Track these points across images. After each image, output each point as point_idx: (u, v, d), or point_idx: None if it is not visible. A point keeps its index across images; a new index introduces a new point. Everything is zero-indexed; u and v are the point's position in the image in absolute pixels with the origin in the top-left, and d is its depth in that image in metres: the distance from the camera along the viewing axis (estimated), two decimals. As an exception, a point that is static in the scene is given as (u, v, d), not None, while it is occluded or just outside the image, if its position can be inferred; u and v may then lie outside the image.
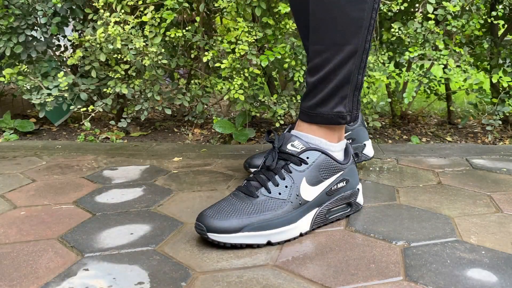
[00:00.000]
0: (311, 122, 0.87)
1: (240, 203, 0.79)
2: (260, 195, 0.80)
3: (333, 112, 0.86)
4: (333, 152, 0.88)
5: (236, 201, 0.80)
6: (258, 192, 0.81)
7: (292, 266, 0.71)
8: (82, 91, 1.59)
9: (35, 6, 1.51)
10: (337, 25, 0.82)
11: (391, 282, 0.66)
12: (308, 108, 0.87)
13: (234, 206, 0.79)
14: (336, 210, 0.88)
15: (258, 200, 0.80)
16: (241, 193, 0.82)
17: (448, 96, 1.78)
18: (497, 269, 0.70)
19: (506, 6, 1.50)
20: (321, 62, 0.84)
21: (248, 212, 0.78)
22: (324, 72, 0.84)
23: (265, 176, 0.83)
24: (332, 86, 0.84)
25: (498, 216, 0.89)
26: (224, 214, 0.77)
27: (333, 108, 0.86)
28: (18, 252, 0.76)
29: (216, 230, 0.75)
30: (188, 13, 1.58)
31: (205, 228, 0.76)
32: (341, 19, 0.82)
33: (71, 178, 1.15)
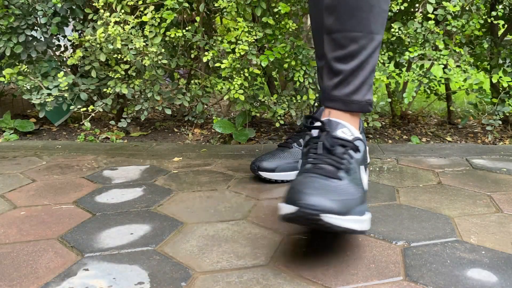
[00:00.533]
0: (346, 110, 0.86)
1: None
2: (342, 178, 0.75)
3: (365, 100, 0.87)
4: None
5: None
6: (339, 174, 0.75)
7: (292, 266, 0.71)
8: (82, 91, 1.59)
9: (35, 6, 1.51)
10: (374, 14, 0.84)
11: (391, 282, 0.66)
12: (345, 95, 0.86)
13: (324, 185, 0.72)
14: None
15: (343, 183, 0.74)
16: (319, 175, 0.74)
17: (448, 96, 1.78)
18: (497, 269, 0.70)
19: (506, 6, 1.50)
20: (357, 49, 0.85)
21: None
22: (360, 60, 0.85)
23: (331, 160, 0.78)
24: (365, 73, 0.86)
25: (498, 216, 0.89)
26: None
27: (364, 96, 0.87)
28: (18, 252, 0.76)
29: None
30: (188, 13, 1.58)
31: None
32: (376, 9, 0.84)
33: (71, 178, 1.15)
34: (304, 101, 1.52)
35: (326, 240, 0.79)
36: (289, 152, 1.11)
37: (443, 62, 1.44)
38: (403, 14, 1.60)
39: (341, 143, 0.81)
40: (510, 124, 1.70)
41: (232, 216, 0.90)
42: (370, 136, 1.63)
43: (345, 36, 0.85)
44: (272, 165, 1.08)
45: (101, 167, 1.25)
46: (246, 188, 1.07)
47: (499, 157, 1.33)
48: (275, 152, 1.12)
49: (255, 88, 1.54)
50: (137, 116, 1.74)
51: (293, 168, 1.10)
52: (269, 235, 0.81)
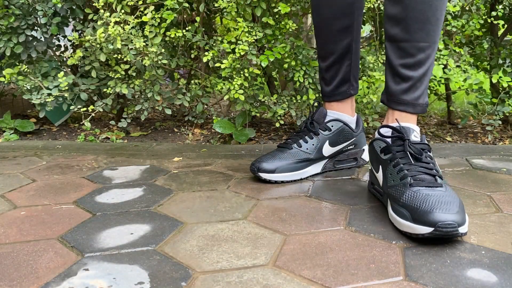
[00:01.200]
0: (414, 112, 0.99)
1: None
2: (443, 185, 0.83)
3: (425, 102, 1.00)
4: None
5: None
6: (439, 182, 0.84)
7: (292, 266, 0.71)
8: (82, 91, 1.59)
9: (35, 6, 1.51)
10: (438, 26, 0.95)
11: (391, 282, 0.66)
12: (413, 99, 0.98)
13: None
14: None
15: (446, 190, 0.82)
16: (425, 188, 0.82)
17: (448, 96, 1.79)
18: (497, 269, 0.70)
19: (506, 6, 1.50)
20: (425, 58, 0.96)
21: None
22: (426, 67, 0.97)
23: (424, 168, 0.86)
24: (428, 79, 0.99)
25: (498, 216, 0.89)
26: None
27: (425, 99, 1.00)
28: (18, 252, 0.76)
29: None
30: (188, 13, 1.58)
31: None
32: (440, 22, 0.95)
33: (71, 178, 1.15)
34: (304, 101, 1.52)
35: (326, 241, 0.79)
36: (289, 153, 1.11)
37: (443, 62, 1.44)
38: (403, 14, 1.59)
39: (423, 147, 0.90)
40: (510, 124, 1.70)
41: (232, 216, 0.90)
42: (370, 136, 1.63)
43: (414, 46, 0.95)
44: (272, 166, 1.08)
45: (101, 167, 1.25)
46: (246, 188, 1.07)
47: (499, 157, 1.33)
48: (275, 153, 1.12)
49: (255, 88, 1.54)
50: (137, 116, 1.74)
51: (293, 168, 1.10)
52: (269, 235, 0.81)
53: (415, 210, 0.77)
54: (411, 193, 0.81)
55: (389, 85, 1.00)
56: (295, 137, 1.15)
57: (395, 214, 0.82)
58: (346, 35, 1.10)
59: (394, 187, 0.86)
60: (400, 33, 0.96)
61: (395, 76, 0.98)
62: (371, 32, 1.72)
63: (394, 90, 0.99)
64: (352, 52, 1.12)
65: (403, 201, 0.81)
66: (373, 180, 0.99)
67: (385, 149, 0.92)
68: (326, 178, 1.14)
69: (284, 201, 0.98)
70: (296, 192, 1.04)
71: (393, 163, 0.88)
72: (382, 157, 0.93)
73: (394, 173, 0.87)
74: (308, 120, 1.15)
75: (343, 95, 1.15)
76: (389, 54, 0.99)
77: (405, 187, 0.83)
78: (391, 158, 0.89)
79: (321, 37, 1.14)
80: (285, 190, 1.05)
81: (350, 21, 1.09)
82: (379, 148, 0.94)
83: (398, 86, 0.98)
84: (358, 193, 1.03)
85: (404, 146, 0.89)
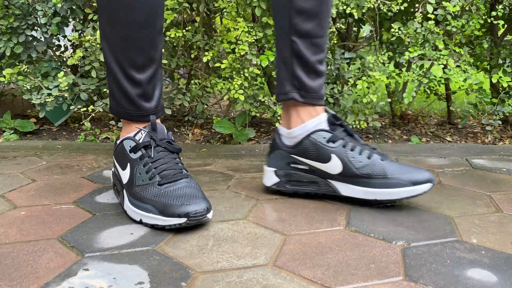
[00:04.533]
0: (323, 106, 1.01)
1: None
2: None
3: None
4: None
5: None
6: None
7: (292, 266, 0.71)
8: (82, 91, 1.59)
9: (35, 6, 1.51)
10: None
11: (391, 282, 0.66)
12: (323, 93, 1.01)
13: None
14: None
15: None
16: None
17: (448, 96, 1.79)
18: (497, 269, 0.70)
19: (506, 6, 1.50)
20: (325, 51, 1.00)
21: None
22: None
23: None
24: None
25: (498, 216, 0.89)
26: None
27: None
28: (18, 252, 0.76)
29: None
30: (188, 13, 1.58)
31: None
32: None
33: (71, 178, 1.15)
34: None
35: (326, 241, 0.79)
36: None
37: (443, 62, 1.44)
38: (403, 14, 1.60)
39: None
40: (510, 124, 1.70)
41: (232, 216, 0.90)
42: (370, 136, 1.63)
43: (324, 41, 0.97)
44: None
45: (101, 167, 1.25)
46: (246, 188, 1.07)
47: (499, 157, 1.33)
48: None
49: (255, 88, 1.54)
50: (137, 116, 1.73)
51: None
52: (269, 235, 0.81)
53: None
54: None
55: (305, 81, 0.97)
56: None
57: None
58: (161, 36, 0.95)
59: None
60: (315, 28, 0.94)
61: (311, 73, 0.97)
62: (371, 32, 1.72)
63: (312, 87, 0.98)
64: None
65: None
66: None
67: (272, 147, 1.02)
68: (326, 178, 1.14)
69: (284, 201, 0.98)
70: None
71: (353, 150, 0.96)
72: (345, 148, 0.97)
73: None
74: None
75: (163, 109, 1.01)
76: (302, 50, 0.95)
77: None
78: (350, 146, 0.96)
79: (138, 41, 0.91)
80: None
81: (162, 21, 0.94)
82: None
83: (315, 82, 0.98)
84: (358, 193, 1.03)
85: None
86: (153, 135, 0.91)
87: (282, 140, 1.02)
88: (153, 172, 0.88)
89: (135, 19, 0.89)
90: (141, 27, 0.90)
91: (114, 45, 0.91)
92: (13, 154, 1.38)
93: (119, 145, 0.95)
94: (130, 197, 0.89)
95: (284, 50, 0.98)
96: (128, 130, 0.96)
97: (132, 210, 0.88)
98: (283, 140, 1.01)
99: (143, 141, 0.91)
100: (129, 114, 0.95)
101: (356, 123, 1.53)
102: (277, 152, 1.02)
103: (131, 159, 0.91)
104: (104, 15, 0.91)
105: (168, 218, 0.81)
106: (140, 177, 0.89)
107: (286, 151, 1.00)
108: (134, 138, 0.92)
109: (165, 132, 0.94)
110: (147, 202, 0.85)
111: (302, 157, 0.98)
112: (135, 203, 0.87)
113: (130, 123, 0.96)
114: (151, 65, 0.93)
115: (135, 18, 0.88)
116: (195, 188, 0.87)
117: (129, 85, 0.92)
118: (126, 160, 0.92)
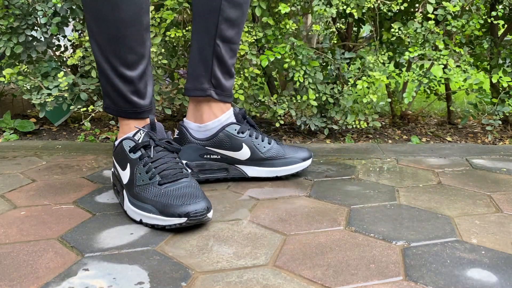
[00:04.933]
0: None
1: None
2: None
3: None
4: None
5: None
6: None
7: (292, 266, 0.71)
8: (82, 91, 1.59)
9: (35, 6, 1.51)
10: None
11: (391, 282, 0.66)
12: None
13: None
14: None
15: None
16: None
17: (448, 96, 1.79)
18: (497, 269, 0.70)
19: (506, 6, 1.50)
20: (236, 59, 1.13)
21: None
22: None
23: None
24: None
25: (498, 216, 0.89)
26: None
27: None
28: (18, 252, 0.76)
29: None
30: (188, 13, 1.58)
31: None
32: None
33: (71, 178, 1.15)
34: (304, 101, 1.52)
35: (326, 241, 0.79)
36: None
37: (443, 62, 1.44)
38: (403, 14, 1.60)
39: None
40: (510, 124, 1.70)
41: (232, 216, 0.90)
42: (370, 136, 1.63)
43: (238, 48, 1.10)
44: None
45: (101, 167, 1.25)
46: (246, 188, 1.07)
47: (499, 157, 1.33)
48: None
49: (255, 88, 1.54)
50: (137, 116, 1.73)
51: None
52: (269, 235, 0.81)
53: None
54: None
55: (221, 81, 1.09)
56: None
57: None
58: (148, 33, 0.95)
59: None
60: (236, 36, 1.07)
61: (226, 74, 1.09)
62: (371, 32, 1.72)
63: (226, 86, 1.10)
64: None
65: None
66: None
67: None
68: (326, 178, 1.14)
69: (284, 201, 0.98)
70: (296, 192, 1.04)
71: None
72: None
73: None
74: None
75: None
76: (222, 53, 1.06)
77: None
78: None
79: (126, 39, 0.90)
80: (285, 190, 1.05)
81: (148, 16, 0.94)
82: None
83: (228, 82, 1.10)
84: (358, 193, 1.03)
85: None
86: (152, 135, 0.92)
87: (192, 134, 1.10)
88: (153, 172, 0.88)
89: (121, 17, 0.88)
90: (127, 25, 0.89)
91: (102, 43, 0.91)
92: (13, 154, 1.38)
93: (118, 146, 0.95)
94: (130, 197, 0.89)
95: (207, 50, 1.06)
96: (126, 130, 0.97)
97: (132, 210, 0.88)
98: (192, 133, 1.10)
99: (142, 141, 0.91)
100: (124, 111, 0.96)
101: (356, 123, 1.52)
102: (188, 146, 1.10)
103: (131, 159, 0.91)
104: (89, 13, 0.90)
105: (169, 218, 0.81)
106: (140, 177, 0.89)
107: (200, 144, 1.09)
108: (133, 138, 0.92)
109: (164, 132, 0.94)
110: (147, 202, 0.85)
111: (217, 148, 1.09)
112: (135, 203, 0.87)
113: (128, 122, 0.97)
114: (141, 61, 0.93)
115: (120, 16, 0.87)
116: (195, 188, 0.87)
117: (121, 83, 0.93)
118: (125, 160, 0.92)
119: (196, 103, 1.11)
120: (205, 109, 1.10)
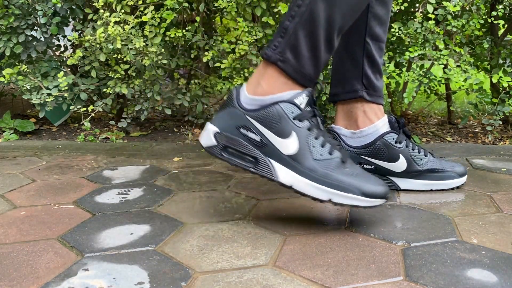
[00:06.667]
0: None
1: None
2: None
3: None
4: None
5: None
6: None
7: (292, 266, 0.71)
8: (82, 91, 1.59)
9: (35, 6, 1.51)
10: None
11: (391, 282, 0.66)
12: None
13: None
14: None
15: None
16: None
17: (448, 96, 1.78)
18: (497, 269, 0.70)
19: (506, 6, 1.50)
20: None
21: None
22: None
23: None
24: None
25: (498, 216, 0.89)
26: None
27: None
28: (18, 252, 0.76)
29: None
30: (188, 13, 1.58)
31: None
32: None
33: (71, 178, 1.15)
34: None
35: (326, 241, 0.79)
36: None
37: (443, 62, 1.44)
38: (403, 14, 1.60)
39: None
40: (510, 124, 1.70)
41: (232, 216, 0.90)
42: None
43: (384, 46, 1.06)
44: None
45: (101, 167, 1.25)
46: (246, 188, 1.07)
47: (499, 157, 1.33)
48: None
49: (255, 88, 1.54)
50: (137, 116, 1.73)
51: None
52: (269, 235, 0.81)
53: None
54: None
55: (373, 81, 1.04)
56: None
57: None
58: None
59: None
60: (383, 34, 1.04)
61: (377, 73, 1.04)
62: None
63: (377, 86, 1.05)
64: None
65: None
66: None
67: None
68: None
69: (284, 201, 0.98)
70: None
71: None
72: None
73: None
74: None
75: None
76: (373, 52, 1.03)
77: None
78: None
79: (356, 10, 0.89)
80: (285, 190, 1.05)
81: None
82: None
83: (379, 82, 1.06)
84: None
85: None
86: (313, 106, 0.85)
87: (344, 141, 1.04)
88: (329, 147, 0.83)
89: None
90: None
91: (339, 11, 0.84)
92: (13, 154, 1.38)
93: (272, 107, 0.82)
94: (308, 172, 0.81)
95: (357, 50, 1.03)
96: (281, 88, 0.84)
97: (316, 187, 0.80)
98: (345, 140, 1.04)
99: (308, 111, 0.84)
100: (307, 77, 0.86)
101: (356, 123, 1.52)
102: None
103: (298, 128, 0.82)
104: None
105: (372, 199, 0.80)
106: (317, 151, 0.82)
107: (354, 152, 1.04)
108: (296, 103, 0.82)
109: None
110: (342, 180, 0.80)
111: (373, 158, 1.03)
112: (319, 178, 0.80)
113: (290, 83, 0.85)
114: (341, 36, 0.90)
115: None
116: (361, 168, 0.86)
117: (324, 48, 0.85)
118: (288, 127, 0.82)
119: (346, 108, 1.05)
120: (358, 113, 1.03)
